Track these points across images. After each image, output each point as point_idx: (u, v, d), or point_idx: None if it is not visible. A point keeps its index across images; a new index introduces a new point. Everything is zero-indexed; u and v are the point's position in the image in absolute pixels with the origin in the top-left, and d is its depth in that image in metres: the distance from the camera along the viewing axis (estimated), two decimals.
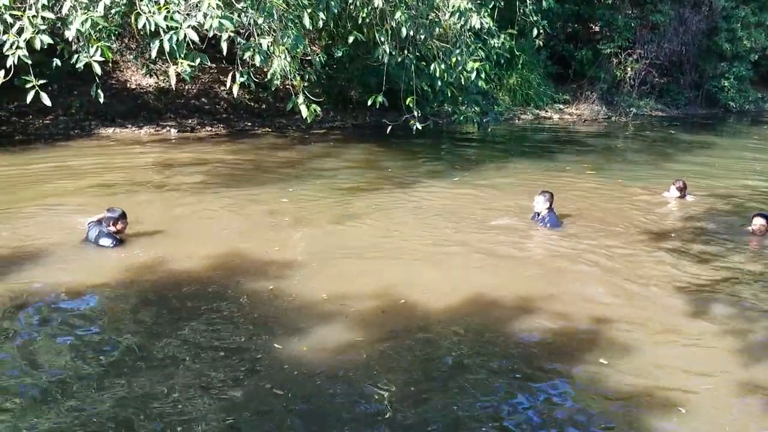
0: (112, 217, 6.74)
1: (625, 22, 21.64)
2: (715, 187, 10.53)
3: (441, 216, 8.40)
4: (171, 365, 4.42)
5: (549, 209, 7.85)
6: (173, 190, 9.23)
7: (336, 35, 13.64)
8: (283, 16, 6.81)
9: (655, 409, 4.07)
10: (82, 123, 14.21)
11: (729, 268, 6.67)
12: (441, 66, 8.58)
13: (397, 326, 5.13)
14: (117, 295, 5.55)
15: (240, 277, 6.01)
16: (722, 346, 4.96)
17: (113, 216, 6.74)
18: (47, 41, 5.40)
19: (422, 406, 4.05)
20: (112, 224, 6.73)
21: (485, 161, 12.82)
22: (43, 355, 4.52)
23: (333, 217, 8.01)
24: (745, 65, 24.08)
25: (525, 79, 20.41)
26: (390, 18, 8.10)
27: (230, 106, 16.37)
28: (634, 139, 17.71)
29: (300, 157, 12.46)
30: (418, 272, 6.34)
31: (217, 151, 12.74)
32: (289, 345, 4.76)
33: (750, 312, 5.56)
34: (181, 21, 5.41)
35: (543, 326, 5.21)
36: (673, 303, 5.73)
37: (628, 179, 11.10)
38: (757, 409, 4.13)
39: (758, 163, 13.91)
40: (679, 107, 24.08)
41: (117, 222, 6.74)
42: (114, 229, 6.72)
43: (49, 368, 4.33)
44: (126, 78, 16.11)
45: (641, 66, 21.90)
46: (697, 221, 8.48)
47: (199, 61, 5.94)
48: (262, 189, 9.45)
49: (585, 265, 6.68)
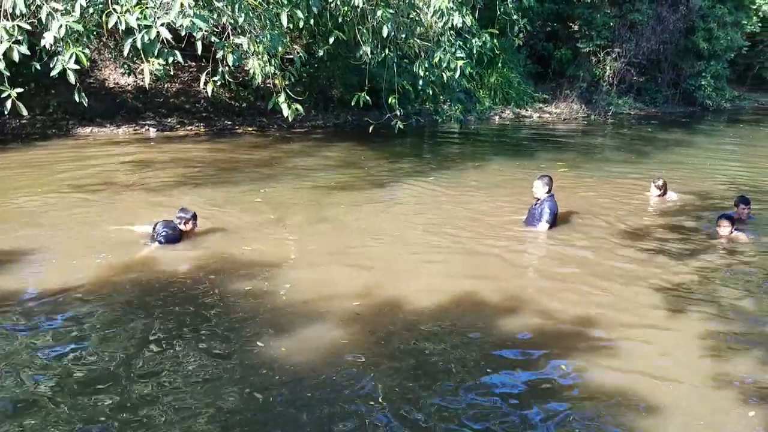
0: (184, 216, 6.80)
1: (603, 21, 21.86)
2: (691, 184, 10.65)
3: (423, 215, 8.41)
4: (148, 370, 4.37)
5: (549, 193, 7.72)
6: (149, 189, 9.14)
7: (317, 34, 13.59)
8: (263, 15, 6.76)
9: (634, 407, 4.09)
10: (60, 122, 14.04)
11: (705, 266, 6.73)
12: (424, 64, 8.59)
13: (378, 327, 5.12)
14: (91, 298, 5.45)
15: (217, 278, 5.96)
16: (700, 344, 5.00)
17: (185, 216, 6.81)
18: (24, 52, 5.31)
19: (405, 408, 4.05)
20: (183, 223, 6.79)
21: (466, 160, 12.88)
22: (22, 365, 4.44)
23: (312, 217, 7.98)
24: (722, 64, 24.47)
25: (505, 78, 20.55)
26: (371, 17, 8.09)
27: (210, 105, 16.27)
28: (612, 138, 17.87)
29: (280, 156, 12.42)
30: (399, 272, 6.33)
31: (197, 150, 12.67)
32: (269, 346, 4.73)
33: (726, 310, 5.61)
34: (153, 20, 5.35)
35: (525, 326, 5.21)
36: (652, 302, 5.77)
37: (607, 177, 11.22)
38: (734, 406, 4.17)
39: (734, 161, 14.11)
40: (657, 105, 24.39)
41: (188, 222, 6.81)
42: (185, 229, 6.80)
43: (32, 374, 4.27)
44: (104, 77, 15.95)
45: (620, 65, 22.14)
46: (674, 219, 8.56)
47: (173, 59, 5.88)
48: (239, 188, 9.40)
49: (565, 265, 6.72)
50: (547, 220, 7.64)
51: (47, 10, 5.30)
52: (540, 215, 7.69)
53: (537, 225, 7.69)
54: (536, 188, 7.77)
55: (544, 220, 7.64)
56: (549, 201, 7.71)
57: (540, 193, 7.75)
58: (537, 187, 7.77)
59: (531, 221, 7.82)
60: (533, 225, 7.75)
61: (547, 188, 7.73)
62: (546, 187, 7.72)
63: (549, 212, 7.64)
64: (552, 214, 7.66)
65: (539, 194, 7.76)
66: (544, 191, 7.73)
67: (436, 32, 8.63)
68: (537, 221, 7.71)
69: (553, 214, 7.67)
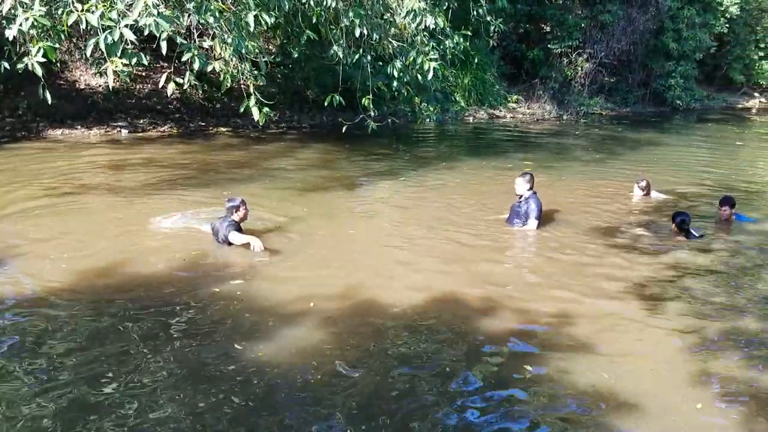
0: (233, 206, 6.77)
1: (575, 22, 22.11)
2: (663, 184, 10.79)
3: (399, 215, 8.43)
4: (120, 372, 4.32)
5: (531, 190, 7.71)
6: (120, 192, 9.02)
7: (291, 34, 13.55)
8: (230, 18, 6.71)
9: (612, 406, 4.14)
10: (30, 124, 13.79)
11: (681, 264, 6.83)
12: (396, 65, 8.60)
13: (355, 328, 5.11)
14: (64, 303, 5.37)
15: (191, 281, 5.92)
16: (679, 342, 5.07)
17: (234, 204, 6.78)
18: None
19: (382, 410, 4.06)
20: (234, 212, 6.74)
21: (442, 160, 12.92)
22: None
23: (287, 218, 7.93)
24: (691, 64, 24.88)
25: (479, 79, 20.66)
26: (344, 17, 8.09)
27: (183, 106, 16.12)
28: (584, 138, 18.06)
29: (254, 157, 12.35)
30: (376, 273, 6.34)
31: (168, 151, 12.54)
32: (246, 349, 4.71)
33: (702, 307, 5.71)
34: (117, 20, 5.29)
35: (504, 325, 5.25)
36: (631, 300, 5.84)
37: (579, 177, 11.34)
38: (711, 403, 4.23)
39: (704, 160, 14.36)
40: (628, 105, 24.72)
41: (238, 209, 6.77)
42: (238, 218, 6.76)
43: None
44: (75, 78, 15.71)
45: (591, 65, 22.40)
46: (649, 217, 8.68)
47: (136, 60, 5.80)
48: (212, 190, 9.31)
49: (545, 264, 6.78)
50: (536, 217, 7.65)
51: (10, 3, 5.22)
52: (527, 213, 7.68)
53: (522, 223, 7.70)
54: (518, 186, 7.76)
55: (532, 218, 7.65)
56: (534, 198, 7.71)
57: (522, 190, 7.74)
58: (519, 185, 7.76)
59: (514, 219, 7.82)
60: (516, 222, 7.77)
61: (529, 185, 7.73)
62: (528, 185, 7.72)
63: (536, 209, 7.65)
64: (539, 211, 7.67)
65: (522, 191, 7.75)
66: (527, 188, 7.72)
67: (410, 33, 8.67)
68: (522, 219, 7.71)
69: (539, 211, 7.68)
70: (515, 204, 7.90)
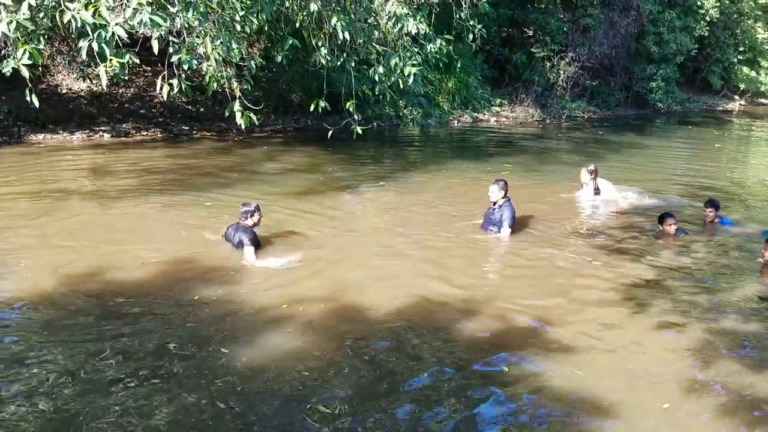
0: (248, 210, 6.76)
1: (557, 26, 22.29)
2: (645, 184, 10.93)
3: (382, 219, 8.47)
4: (104, 375, 4.32)
5: (505, 197, 7.71)
6: (102, 197, 8.97)
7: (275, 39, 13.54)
8: (217, 21, 6.72)
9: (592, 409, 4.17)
10: (11, 129, 13.68)
11: (661, 264, 6.93)
12: (380, 69, 8.63)
13: (339, 332, 5.14)
14: (48, 306, 5.36)
15: (176, 286, 5.91)
16: (660, 343, 5.14)
17: (249, 209, 6.77)
18: None
19: (366, 413, 4.08)
20: (249, 217, 6.73)
21: (426, 164, 12.97)
22: None
23: (270, 223, 7.92)
24: (672, 67, 25.17)
25: (463, 83, 20.75)
26: (327, 22, 8.11)
27: (167, 110, 16.06)
28: (566, 141, 18.22)
29: (238, 161, 12.35)
30: (358, 276, 6.37)
31: (152, 156, 12.49)
32: (231, 353, 4.72)
33: (684, 308, 5.78)
34: (109, 18, 5.27)
35: (483, 327, 5.29)
36: (611, 303, 5.91)
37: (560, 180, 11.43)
38: (695, 405, 4.27)
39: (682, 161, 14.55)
40: (610, 108, 24.95)
41: (252, 214, 6.76)
42: (251, 223, 6.74)
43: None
44: (57, 82, 15.61)
45: (573, 69, 22.58)
46: (628, 219, 8.80)
47: (129, 58, 5.78)
48: (196, 194, 9.29)
49: (523, 267, 6.86)
50: (509, 225, 7.66)
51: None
52: (500, 220, 7.69)
53: (496, 230, 7.71)
54: (492, 193, 7.76)
55: (506, 225, 7.65)
56: (508, 205, 7.71)
57: (496, 197, 7.74)
58: (493, 192, 7.75)
59: (488, 226, 7.84)
60: (490, 229, 7.79)
61: (503, 192, 7.73)
62: (502, 192, 7.73)
63: (510, 217, 7.65)
64: (513, 218, 7.68)
65: (495, 198, 7.75)
66: (501, 195, 7.73)
67: (393, 37, 8.71)
68: (497, 226, 7.72)
69: (513, 218, 7.69)
70: (488, 211, 7.88)
